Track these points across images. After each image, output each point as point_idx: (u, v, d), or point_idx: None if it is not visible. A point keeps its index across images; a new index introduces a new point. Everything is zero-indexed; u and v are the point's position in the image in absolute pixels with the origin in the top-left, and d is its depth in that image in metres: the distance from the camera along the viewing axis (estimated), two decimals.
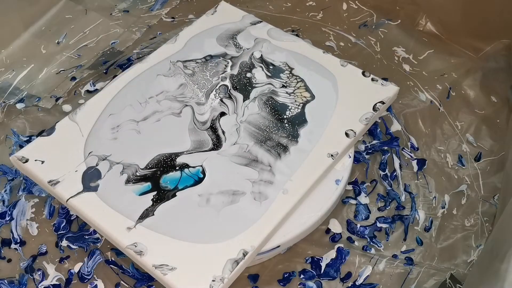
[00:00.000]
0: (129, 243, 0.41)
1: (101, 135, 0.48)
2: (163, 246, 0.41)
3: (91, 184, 0.44)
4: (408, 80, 0.63)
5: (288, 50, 0.55)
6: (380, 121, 0.58)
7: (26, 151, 0.47)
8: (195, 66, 0.53)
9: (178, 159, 0.46)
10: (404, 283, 0.47)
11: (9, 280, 0.47)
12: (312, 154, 0.47)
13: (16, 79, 0.62)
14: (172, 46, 0.56)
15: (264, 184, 0.45)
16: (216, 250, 0.41)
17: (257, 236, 0.42)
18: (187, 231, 0.42)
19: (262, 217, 0.43)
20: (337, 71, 0.53)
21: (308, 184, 0.45)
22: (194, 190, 0.44)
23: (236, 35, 0.56)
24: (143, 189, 0.44)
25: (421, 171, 0.55)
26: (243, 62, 0.54)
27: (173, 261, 0.40)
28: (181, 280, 0.40)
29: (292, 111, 0.50)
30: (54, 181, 0.45)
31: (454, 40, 0.65)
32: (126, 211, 0.43)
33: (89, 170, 0.45)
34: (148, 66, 0.53)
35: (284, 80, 0.52)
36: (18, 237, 0.50)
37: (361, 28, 0.68)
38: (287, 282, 0.47)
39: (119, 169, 0.45)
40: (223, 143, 0.47)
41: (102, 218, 0.43)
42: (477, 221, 0.51)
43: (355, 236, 0.50)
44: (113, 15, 0.69)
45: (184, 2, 0.72)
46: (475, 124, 0.58)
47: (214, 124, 0.49)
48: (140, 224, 0.42)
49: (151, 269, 0.40)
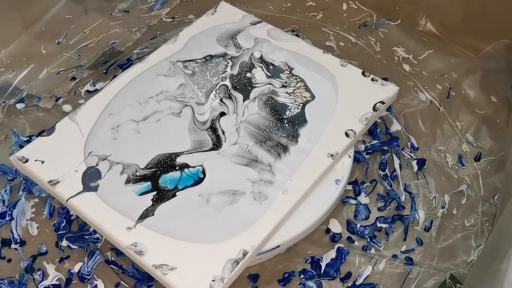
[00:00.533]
0: (129, 243, 0.41)
1: (101, 135, 0.48)
2: (163, 246, 0.41)
3: (91, 184, 0.44)
4: (408, 80, 0.62)
5: (288, 50, 0.55)
6: (380, 121, 0.58)
7: (26, 151, 0.47)
8: (195, 66, 0.53)
9: (178, 159, 0.46)
10: (404, 283, 0.47)
11: (9, 280, 0.47)
12: (312, 154, 0.47)
13: (16, 79, 0.62)
14: (172, 46, 0.56)
15: (264, 184, 0.45)
16: (216, 250, 0.41)
17: (257, 236, 0.42)
18: (187, 231, 0.42)
19: (262, 217, 0.43)
20: (337, 71, 0.53)
21: (308, 184, 0.45)
22: (194, 190, 0.44)
23: (236, 35, 0.56)
24: (143, 189, 0.44)
25: (421, 171, 0.55)
26: (243, 62, 0.54)
27: (173, 261, 0.40)
28: (181, 280, 0.40)
29: (292, 111, 0.50)
30: (54, 181, 0.45)
31: (454, 40, 0.65)
32: (126, 211, 0.43)
33: (89, 170, 0.45)
34: (148, 66, 0.53)
35: (284, 80, 0.52)
36: (18, 237, 0.50)
37: (361, 28, 0.68)
38: (287, 282, 0.47)
39: (119, 169, 0.45)
40: (223, 143, 0.47)
41: (102, 218, 0.43)
42: (477, 221, 0.51)
43: (355, 236, 0.50)
44: (113, 15, 0.69)
45: (184, 2, 0.72)
46: (475, 124, 0.58)
47: (214, 124, 0.49)
48: (140, 224, 0.42)
49: (151, 269, 0.40)
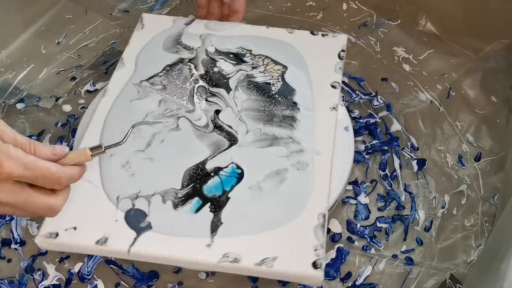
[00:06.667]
0: (220, 257, 0.40)
1: (116, 177, 0.44)
2: (250, 245, 0.40)
3: (141, 224, 0.41)
4: (408, 80, 0.62)
5: (235, 35, 0.55)
6: (380, 121, 0.58)
7: (49, 227, 0.41)
8: (161, 80, 0.51)
9: (207, 166, 0.45)
10: (404, 283, 0.47)
11: (9, 280, 0.47)
12: (317, 113, 0.49)
13: (16, 79, 0.62)
14: (124, 70, 0.52)
15: (297, 153, 0.46)
16: (297, 226, 0.41)
17: (322, 197, 0.43)
18: (261, 222, 0.42)
19: (315, 180, 0.44)
20: (289, 39, 0.55)
21: (331, 138, 0.47)
22: (241, 186, 0.44)
23: (180, 39, 0.55)
24: (196, 205, 0.43)
25: (421, 171, 0.55)
26: (203, 60, 0.53)
27: (270, 252, 0.40)
28: (289, 265, 0.39)
29: (276, 85, 0.51)
30: (101, 239, 0.40)
31: (454, 40, 0.65)
32: (194, 232, 0.41)
33: (129, 213, 0.42)
34: (114, 96, 0.50)
35: (251, 62, 0.53)
36: (18, 237, 0.50)
37: (361, 28, 0.68)
38: (287, 282, 0.47)
39: (159, 199, 0.43)
40: (237, 136, 0.47)
41: (177, 250, 0.40)
42: (477, 221, 0.51)
43: (355, 236, 0.50)
44: (113, 15, 0.69)
45: (184, 2, 0.72)
46: (475, 124, 0.58)
47: (216, 124, 0.48)
48: (215, 236, 0.41)
49: (255, 268, 0.39)
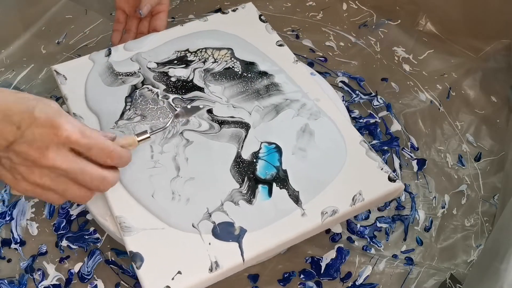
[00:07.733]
0: (320, 216, 0.42)
1: (176, 211, 0.43)
2: (333, 193, 0.44)
3: (235, 233, 0.42)
4: (408, 80, 0.63)
5: (161, 44, 0.55)
6: (380, 121, 0.58)
7: (154, 287, 0.39)
8: (133, 112, 0.49)
9: (244, 158, 0.46)
10: (404, 283, 0.47)
11: (9, 280, 0.47)
12: (288, 71, 0.52)
13: (16, 79, 0.62)
14: (88, 123, 0.48)
15: (303, 108, 0.49)
16: (354, 159, 0.46)
17: (350, 128, 0.48)
18: (327, 172, 0.45)
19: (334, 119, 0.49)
20: (210, 26, 0.57)
21: (314, 84, 0.51)
22: (286, 156, 0.46)
23: (115, 71, 0.52)
24: (265, 191, 0.44)
25: (421, 171, 0.55)
26: (154, 77, 0.52)
27: (353, 191, 0.44)
28: (373, 191, 0.44)
29: (236, 66, 0.53)
30: (212, 265, 0.40)
31: (454, 40, 0.65)
32: (283, 212, 0.42)
33: (216, 231, 0.42)
34: None
35: (196, 60, 0.53)
36: (18, 237, 0.50)
37: (361, 28, 0.68)
38: (287, 282, 0.47)
39: (230, 205, 0.43)
40: (244, 121, 0.48)
41: (280, 234, 0.42)
42: (477, 221, 0.51)
43: (355, 236, 0.50)
44: (113, 15, 0.69)
45: (184, 2, 0.72)
46: (475, 124, 0.58)
47: (218, 121, 0.48)
48: (302, 204, 0.43)
49: (354, 209, 0.43)
